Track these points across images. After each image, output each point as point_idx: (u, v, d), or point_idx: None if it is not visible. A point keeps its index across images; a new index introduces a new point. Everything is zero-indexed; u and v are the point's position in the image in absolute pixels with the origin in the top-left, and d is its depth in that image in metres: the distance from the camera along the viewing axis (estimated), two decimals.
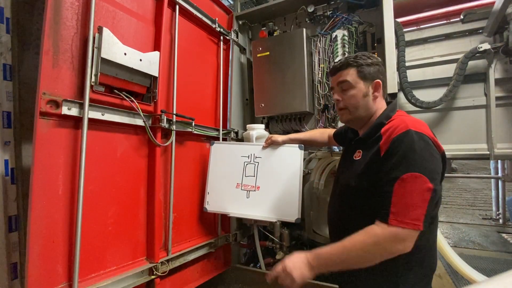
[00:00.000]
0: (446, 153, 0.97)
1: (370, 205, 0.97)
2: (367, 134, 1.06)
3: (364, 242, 0.87)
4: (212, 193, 1.84)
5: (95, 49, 1.27)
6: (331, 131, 1.60)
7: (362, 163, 1.03)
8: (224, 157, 1.87)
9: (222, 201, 1.81)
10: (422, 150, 0.87)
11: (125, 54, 1.38)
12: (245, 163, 1.80)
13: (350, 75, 1.08)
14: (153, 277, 1.50)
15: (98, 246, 1.32)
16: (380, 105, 1.11)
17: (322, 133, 1.68)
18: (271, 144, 1.77)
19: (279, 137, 1.75)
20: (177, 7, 1.78)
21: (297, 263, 0.94)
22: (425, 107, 2.47)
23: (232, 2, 6.38)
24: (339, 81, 1.11)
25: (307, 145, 1.79)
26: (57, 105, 1.15)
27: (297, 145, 1.74)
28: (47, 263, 1.13)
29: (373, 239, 0.86)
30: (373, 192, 0.95)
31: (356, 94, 1.08)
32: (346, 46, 2.09)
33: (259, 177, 1.76)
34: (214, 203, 1.83)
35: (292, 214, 1.63)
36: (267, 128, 2.42)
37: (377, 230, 0.87)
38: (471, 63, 2.40)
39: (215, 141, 1.92)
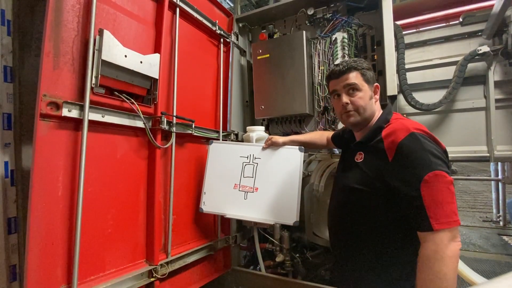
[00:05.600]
0: (444, 149, 0.99)
1: (372, 207, 0.98)
2: (367, 138, 1.07)
3: (432, 270, 0.82)
4: (209, 193, 1.80)
5: (95, 51, 1.27)
6: (329, 133, 1.62)
7: (366, 166, 1.03)
8: (222, 157, 1.83)
9: (219, 202, 1.77)
10: (430, 147, 0.90)
11: (125, 56, 1.38)
12: (244, 164, 1.76)
13: (356, 78, 1.10)
14: (152, 279, 1.50)
15: (98, 248, 1.32)
16: (378, 108, 1.16)
17: (321, 135, 1.69)
18: (271, 145, 1.75)
19: (280, 138, 1.73)
20: (178, 9, 1.79)
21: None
22: (425, 109, 2.47)
23: (232, 5, 6.42)
24: (346, 84, 1.11)
25: (307, 147, 1.78)
26: (58, 107, 1.15)
27: (297, 147, 1.73)
28: (46, 265, 1.12)
29: (432, 254, 0.83)
30: (379, 194, 0.96)
31: (364, 96, 1.10)
32: (346, 48, 2.10)
33: (257, 178, 1.72)
34: (211, 204, 1.79)
35: (291, 217, 1.59)
36: (267, 130, 2.42)
37: (429, 249, 0.83)
38: (470, 65, 2.40)
39: (214, 141, 1.89)
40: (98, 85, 1.28)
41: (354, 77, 1.10)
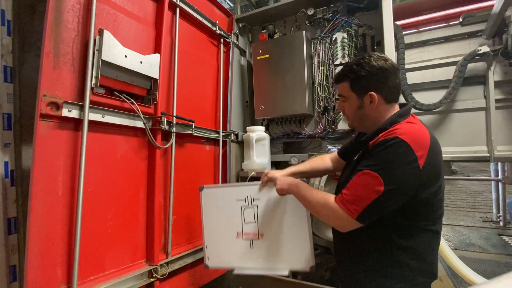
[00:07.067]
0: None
1: None
2: (366, 137, 1.06)
3: (319, 200, 1.05)
4: (211, 246, 1.58)
5: (95, 52, 1.27)
6: (331, 155, 1.49)
7: (357, 162, 1.05)
8: (217, 203, 1.60)
9: (224, 255, 1.56)
10: (395, 157, 0.89)
11: (125, 56, 1.38)
12: (243, 208, 1.53)
13: (344, 88, 1.11)
14: (152, 279, 1.50)
15: (98, 248, 1.32)
16: (386, 113, 1.06)
17: (322, 159, 1.50)
18: (269, 182, 1.43)
19: (276, 173, 1.41)
20: (178, 9, 1.79)
21: (284, 180, 1.27)
22: (425, 109, 2.48)
23: (232, 5, 6.42)
24: (338, 93, 1.18)
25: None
26: (58, 107, 1.15)
27: (299, 179, 1.38)
28: (46, 265, 1.12)
29: (325, 202, 1.01)
30: None
31: (349, 107, 1.12)
32: (346, 48, 2.10)
33: (261, 223, 1.49)
34: (215, 258, 1.57)
35: (305, 261, 1.39)
36: (267, 130, 2.42)
37: (331, 198, 1.01)
38: (470, 65, 2.41)
39: (204, 186, 1.62)
40: (98, 85, 1.28)
41: (341, 88, 1.13)
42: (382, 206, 0.90)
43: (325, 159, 1.49)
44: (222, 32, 2.22)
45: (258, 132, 2.20)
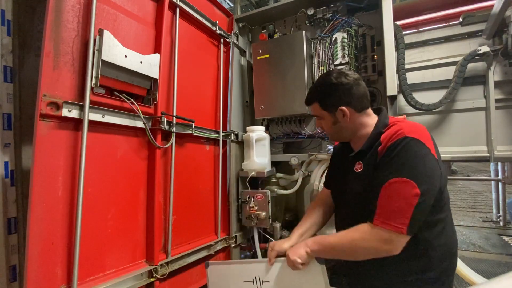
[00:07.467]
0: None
1: None
2: (367, 146, 1.06)
3: (353, 237, 0.95)
4: None
5: (95, 52, 1.27)
6: (320, 195, 1.43)
7: (366, 175, 1.03)
8: (224, 282, 1.45)
9: None
10: (416, 156, 0.89)
11: (125, 56, 1.38)
12: None
13: (316, 109, 1.16)
14: (152, 279, 1.50)
15: (98, 248, 1.32)
16: (365, 120, 1.10)
17: (315, 208, 1.38)
18: (277, 256, 1.23)
19: (283, 244, 1.23)
20: (178, 9, 1.79)
21: (296, 247, 1.09)
22: (425, 109, 2.47)
23: (232, 5, 6.42)
24: (312, 114, 1.26)
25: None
26: (58, 107, 1.15)
27: (314, 259, 1.13)
28: (46, 265, 1.12)
29: (361, 235, 0.92)
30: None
31: (326, 124, 1.16)
32: (346, 48, 2.10)
33: None
34: None
35: None
36: (267, 130, 2.42)
37: (366, 227, 0.93)
38: (470, 65, 2.40)
39: (210, 262, 1.49)
40: (98, 85, 1.28)
41: (313, 109, 1.17)
42: (425, 208, 0.87)
43: (318, 205, 1.38)
44: (222, 32, 2.22)
45: (258, 132, 2.20)
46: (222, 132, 2.18)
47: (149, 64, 1.51)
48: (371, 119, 1.11)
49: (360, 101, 1.08)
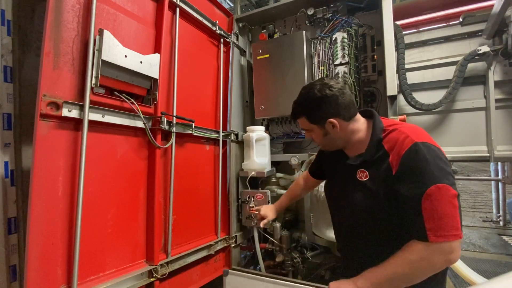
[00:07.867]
0: (446, 155, 0.98)
1: (389, 221, 0.98)
2: (370, 154, 1.04)
3: (410, 260, 0.86)
4: None
5: (95, 51, 1.27)
6: (304, 175, 1.54)
7: (373, 183, 1.01)
8: None
9: None
10: (435, 159, 0.88)
11: (125, 56, 1.38)
12: None
13: (304, 123, 1.13)
14: (152, 279, 1.50)
15: (98, 248, 1.32)
16: (356, 126, 1.08)
17: (296, 184, 1.57)
18: (266, 221, 1.48)
19: (268, 212, 1.50)
20: (178, 9, 1.79)
21: (341, 283, 0.96)
22: (425, 109, 2.48)
23: (232, 5, 6.41)
24: (300, 127, 1.24)
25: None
26: (58, 107, 1.15)
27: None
28: (46, 265, 1.12)
29: (419, 255, 0.85)
30: (392, 209, 0.95)
31: (316, 136, 1.14)
32: (346, 48, 2.10)
33: None
34: None
35: None
36: (267, 130, 2.42)
37: (420, 246, 0.86)
38: (470, 65, 2.41)
39: (229, 270, 1.49)
40: (98, 85, 1.28)
41: (302, 123, 1.15)
42: (460, 207, 0.87)
43: (300, 182, 1.55)
44: (222, 32, 2.22)
45: (258, 132, 2.20)
46: (222, 132, 2.18)
47: (149, 64, 1.51)
48: (361, 124, 1.09)
49: (348, 110, 1.06)
